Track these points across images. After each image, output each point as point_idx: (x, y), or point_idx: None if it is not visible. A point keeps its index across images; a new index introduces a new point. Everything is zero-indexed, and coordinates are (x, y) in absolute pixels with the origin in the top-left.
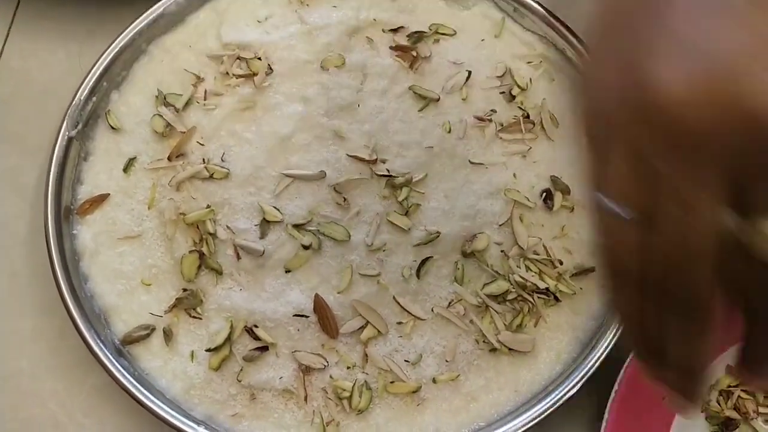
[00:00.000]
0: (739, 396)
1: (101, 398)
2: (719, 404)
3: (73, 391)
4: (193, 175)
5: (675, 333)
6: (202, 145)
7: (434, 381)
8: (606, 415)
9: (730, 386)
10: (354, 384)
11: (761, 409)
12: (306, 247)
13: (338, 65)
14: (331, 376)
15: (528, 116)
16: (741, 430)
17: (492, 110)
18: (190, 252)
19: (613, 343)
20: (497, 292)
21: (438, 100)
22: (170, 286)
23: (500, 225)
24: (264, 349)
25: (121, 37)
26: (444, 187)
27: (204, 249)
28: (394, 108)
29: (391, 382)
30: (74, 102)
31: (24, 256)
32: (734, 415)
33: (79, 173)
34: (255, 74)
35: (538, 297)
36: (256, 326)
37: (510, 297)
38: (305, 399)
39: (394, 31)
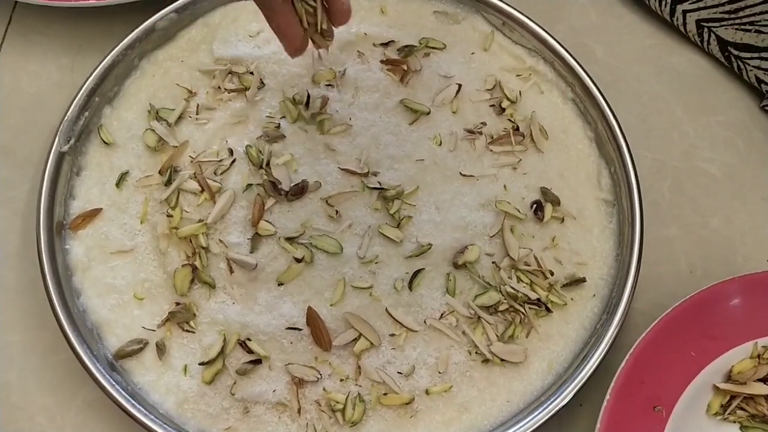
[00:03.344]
0: (739, 404)
1: (92, 413)
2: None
3: (64, 406)
4: (186, 190)
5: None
6: (195, 159)
7: (427, 392)
8: (598, 425)
9: (728, 400)
10: (347, 396)
11: None
12: (298, 260)
13: (330, 79)
14: (324, 389)
15: (518, 128)
16: None
17: (482, 123)
18: (183, 266)
19: (604, 353)
20: (489, 303)
21: (428, 113)
22: (163, 300)
23: (491, 236)
24: (257, 362)
25: (113, 52)
26: (435, 199)
27: (197, 263)
28: (385, 121)
29: (384, 394)
30: (66, 117)
31: (15, 270)
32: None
33: (71, 188)
34: (247, 88)
35: (530, 308)
36: (249, 339)
37: (502, 308)
38: (298, 412)
39: (385, 45)
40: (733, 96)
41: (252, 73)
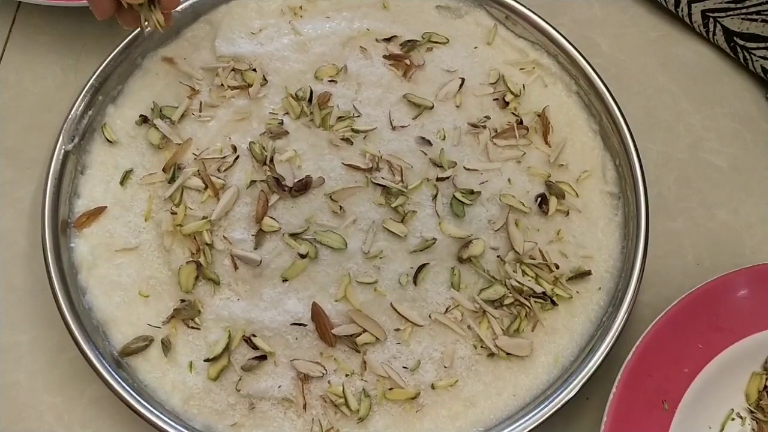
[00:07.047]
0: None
1: (99, 410)
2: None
3: (71, 404)
4: (190, 187)
5: None
6: (198, 156)
7: (433, 387)
8: (605, 418)
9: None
10: (353, 391)
11: None
12: (303, 256)
13: (332, 75)
14: (329, 384)
15: (522, 122)
16: None
17: (486, 117)
18: (188, 263)
19: (610, 346)
20: (494, 297)
21: (432, 107)
22: (168, 297)
23: (496, 230)
24: (262, 358)
25: (116, 51)
26: (439, 194)
27: (201, 260)
28: (388, 116)
29: (390, 389)
30: (70, 116)
31: (21, 269)
32: None
33: (75, 187)
34: (250, 85)
35: (535, 301)
36: (254, 335)
37: (507, 302)
38: (304, 407)
39: (388, 40)
40: (739, 87)
41: (255, 70)
